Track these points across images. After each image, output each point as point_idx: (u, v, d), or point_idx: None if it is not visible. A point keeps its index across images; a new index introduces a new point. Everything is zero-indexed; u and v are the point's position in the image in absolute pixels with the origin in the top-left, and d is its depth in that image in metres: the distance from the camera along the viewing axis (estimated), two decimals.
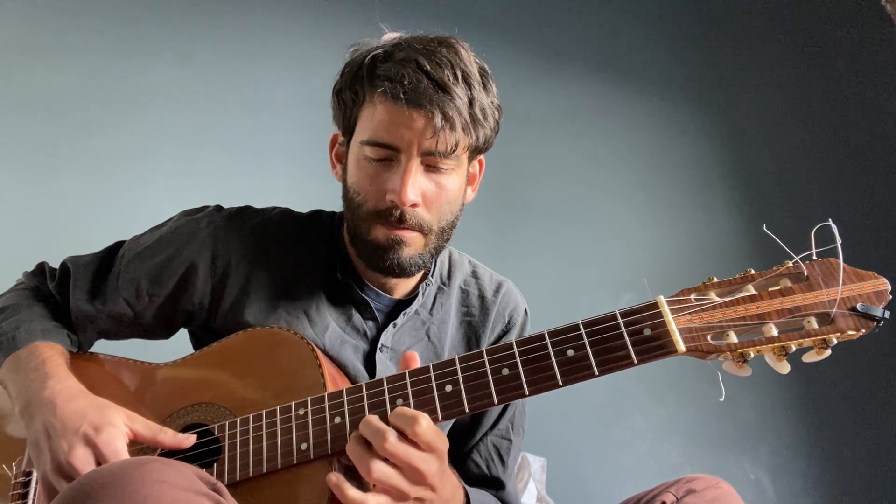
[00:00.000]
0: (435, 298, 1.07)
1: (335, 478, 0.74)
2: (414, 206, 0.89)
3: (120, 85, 2.03)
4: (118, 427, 0.82)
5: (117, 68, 2.03)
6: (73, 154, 1.93)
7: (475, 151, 0.95)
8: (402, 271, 0.94)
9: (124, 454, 0.80)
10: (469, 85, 0.88)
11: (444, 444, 0.77)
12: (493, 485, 1.06)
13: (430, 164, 0.89)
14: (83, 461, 0.78)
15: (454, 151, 0.88)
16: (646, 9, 2.92)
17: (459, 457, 1.07)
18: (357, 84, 0.90)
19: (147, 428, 0.84)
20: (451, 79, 0.86)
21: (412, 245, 0.92)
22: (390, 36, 0.93)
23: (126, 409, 0.85)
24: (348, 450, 0.76)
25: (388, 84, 0.85)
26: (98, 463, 0.79)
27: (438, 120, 0.84)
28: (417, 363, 0.81)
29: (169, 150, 2.04)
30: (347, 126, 0.94)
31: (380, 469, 0.73)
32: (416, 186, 0.88)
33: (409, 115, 0.85)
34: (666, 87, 2.83)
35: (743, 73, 2.94)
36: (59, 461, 0.79)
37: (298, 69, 2.25)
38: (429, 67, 0.85)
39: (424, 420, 0.74)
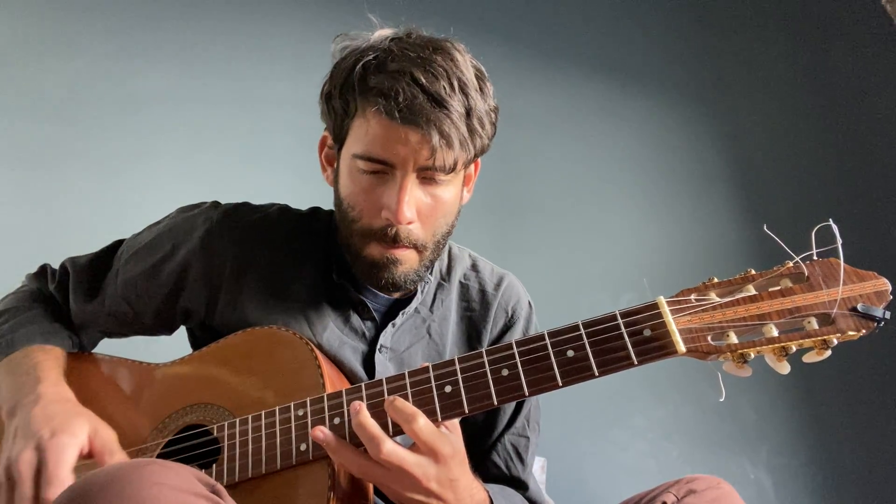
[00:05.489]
0: (435, 295, 1.04)
1: (321, 434, 0.76)
2: (409, 223, 0.87)
3: (119, 85, 2.02)
4: (76, 437, 0.78)
5: (116, 69, 2.03)
6: (74, 155, 1.93)
7: (472, 158, 0.92)
8: (396, 288, 0.94)
9: (65, 465, 0.76)
10: (466, 94, 0.84)
11: (447, 448, 0.74)
12: (516, 485, 1.02)
13: (426, 177, 0.87)
14: (26, 465, 0.75)
15: (453, 169, 0.86)
16: (645, 9, 2.92)
17: (476, 457, 1.02)
18: (347, 94, 0.86)
19: (103, 446, 0.80)
20: (447, 90, 0.82)
21: (406, 262, 0.91)
22: (381, 34, 0.89)
23: (101, 423, 0.82)
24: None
25: (382, 100, 0.81)
26: (38, 469, 0.75)
27: (436, 140, 0.81)
28: None
29: (170, 150, 2.04)
30: (338, 134, 0.91)
31: (371, 472, 0.75)
32: (411, 203, 0.86)
33: (404, 133, 0.82)
34: (666, 87, 2.82)
35: (743, 73, 2.93)
36: (11, 460, 0.77)
37: (298, 68, 2.24)
38: (424, 80, 0.81)
39: (422, 419, 0.74)
